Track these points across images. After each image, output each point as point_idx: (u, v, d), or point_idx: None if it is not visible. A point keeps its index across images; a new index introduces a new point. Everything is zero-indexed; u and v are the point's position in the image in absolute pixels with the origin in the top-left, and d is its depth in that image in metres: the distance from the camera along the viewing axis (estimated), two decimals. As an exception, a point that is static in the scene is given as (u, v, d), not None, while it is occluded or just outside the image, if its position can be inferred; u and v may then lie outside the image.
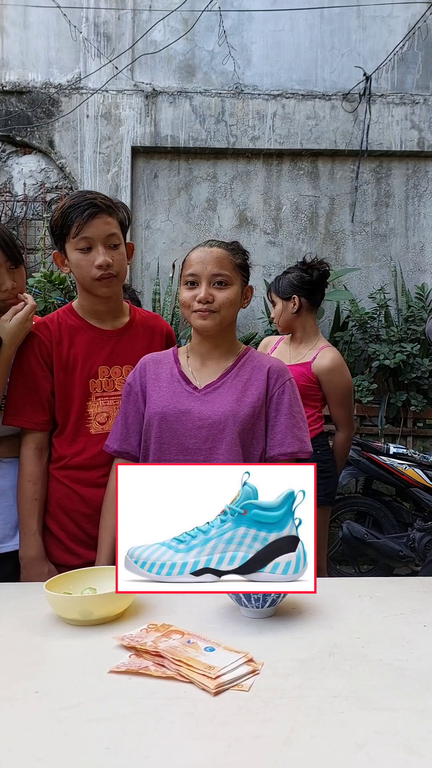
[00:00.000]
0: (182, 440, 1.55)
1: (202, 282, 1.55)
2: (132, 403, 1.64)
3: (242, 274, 1.61)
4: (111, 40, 4.67)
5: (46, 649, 1.10)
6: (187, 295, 1.57)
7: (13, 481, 1.73)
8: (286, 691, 0.94)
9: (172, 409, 1.57)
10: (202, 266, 1.55)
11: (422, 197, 4.83)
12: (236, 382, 1.59)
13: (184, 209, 4.77)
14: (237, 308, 1.60)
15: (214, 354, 1.63)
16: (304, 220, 4.82)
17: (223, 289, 1.56)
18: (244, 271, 1.62)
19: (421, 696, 0.93)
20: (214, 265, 1.55)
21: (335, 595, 1.32)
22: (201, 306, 1.54)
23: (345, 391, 2.76)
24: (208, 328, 1.57)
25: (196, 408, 1.56)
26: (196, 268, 1.56)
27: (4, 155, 4.75)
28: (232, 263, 1.58)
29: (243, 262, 1.62)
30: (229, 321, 1.59)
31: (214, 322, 1.56)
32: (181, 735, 0.83)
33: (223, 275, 1.55)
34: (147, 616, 1.22)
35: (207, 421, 1.54)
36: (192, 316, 1.57)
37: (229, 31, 4.63)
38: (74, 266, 1.68)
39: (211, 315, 1.55)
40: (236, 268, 1.59)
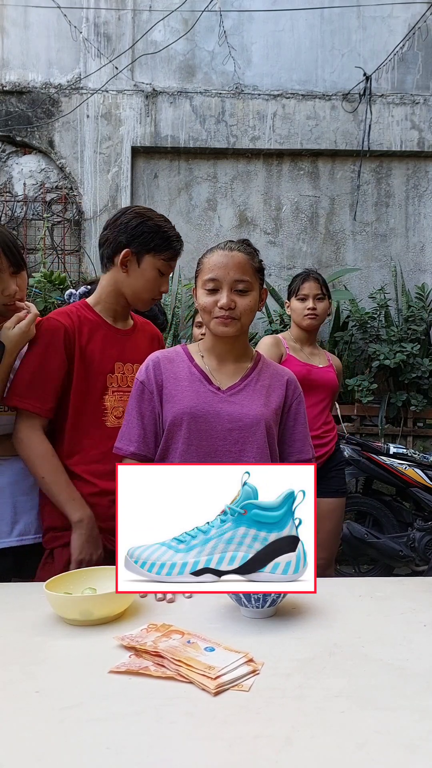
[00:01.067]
0: (212, 442, 1.54)
1: (223, 288, 1.54)
2: (147, 402, 1.60)
3: (260, 278, 1.60)
4: (111, 40, 4.67)
5: (46, 649, 1.10)
6: (208, 301, 1.55)
7: (10, 478, 1.74)
8: (287, 690, 0.94)
9: (201, 410, 1.55)
10: (224, 271, 1.53)
11: (422, 197, 4.83)
12: (258, 386, 1.61)
13: (185, 209, 4.77)
14: (255, 312, 1.60)
15: (230, 356, 1.63)
16: (304, 220, 4.82)
17: (245, 296, 1.55)
18: (261, 275, 1.61)
19: (421, 696, 0.93)
20: (236, 271, 1.54)
21: (335, 595, 1.32)
22: (223, 312, 1.53)
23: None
24: (229, 334, 1.57)
25: (225, 409, 1.56)
26: (217, 273, 1.54)
27: (4, 155, 4.75)
28: (253, 268, 1.57)
29: (260, 265, 1.62)
30: (247, 326, 1.61)
31: (235, 328, 1.56)
32: (181, 735, 0.83)
33: (244, 281, 1.54)
34: (147, 616, 1.22)
35: (238, 423, 1.54)
36: (213, 321, 1.56)
37: (229, 31, 4.63)
38: (140, 276, 1.75)
39: (233, 322, 1.55)
40: (255, 273, 1.58)
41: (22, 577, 1.74)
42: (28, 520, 1.76)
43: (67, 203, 4.73)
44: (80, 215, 4.70)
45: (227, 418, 1.55)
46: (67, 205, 4.73)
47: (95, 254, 4.68)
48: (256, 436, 1.54)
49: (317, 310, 2.74)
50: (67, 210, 4.74)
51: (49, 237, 4.67)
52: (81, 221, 4.70)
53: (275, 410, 1.60)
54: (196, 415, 1.54)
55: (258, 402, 1.58)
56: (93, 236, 4.69)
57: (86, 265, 4.69)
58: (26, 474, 1.77)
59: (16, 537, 1.74)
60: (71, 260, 4.73)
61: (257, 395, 1.59)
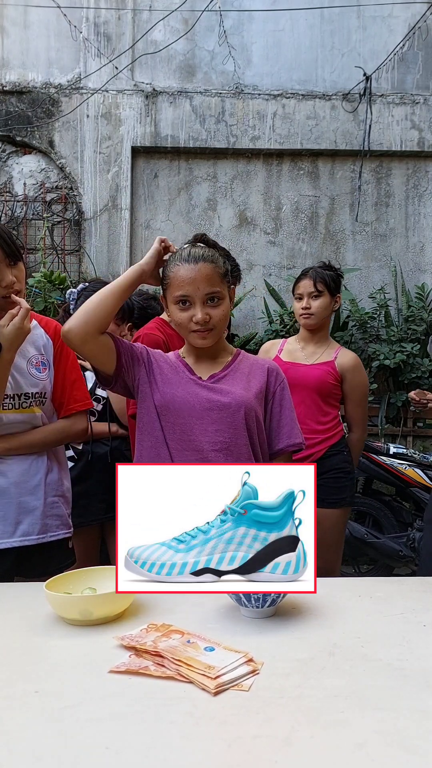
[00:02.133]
0: (188, 421, 1.59)
1: (195, 303, 1.57)
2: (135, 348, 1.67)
3: (227, 281, 1.63)
4: (111, 40, 4.67)
5: (46, 649, 1.10)
6: (183, 317, 1.59)
7: (15, 479, 1.75)
8: (286, 690, 0.94)
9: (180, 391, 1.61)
10: (194, 287, 1.56)
11: (422, 197, 4.83)
12: (238, 374, 1.66)
13: (185, 209, 4.77)
14: (228, 315, 1.66)
15: (207, 355, 1.68)
16: (304, 220, 4.82)
17: (217, 306, 1.59)
18: (227, 277, 1.63)
19: (421, 696, 0.93)
20: (205, 285, 1.56)
21: (335, 595, 1.32)
22: (199, 327, 1.58)
23: (365, 390, 2.75)
24: (208, 345, 1.63)
25: (203, 393, 1.61)
26: (187, 289, 1.56)
27: (4, 155, 4.75)
28: (219, 275, 1.59)
29: (226, 269, 1.63)
30: (223, 331, 1.67)
31: (212, 339, 1.62)
32: (181, 735, 0.83)
33: (215, 293, 1.57)
34: (147, 616, 1.22)
35: (216, 404, 1.59)
36: (190, 336, 1.61)
37: (229, 31, 4.63)
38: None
39: (210, 333, 1.60)
40: (223, 279, 1.60)
41: (25, 577, 1.74)
42: (31, 520, 1.76)
43: (67, 203, 4.73)
44: (80, 215, 4.70)
45: (206, 399, 1.60)
46: (67, 205, 4.73)
47: (95, 254, 4.68)
48: (235, 418, 1.58)
49: (311, 308, 2.67)
50: (67, 210, 4.74)
51: (49, 237, 4.67)
52: (81, 221, 4.70)
53: (256, 394, 1.64)
54: (175, 396, 1.60)
55: (238, 386, 1.63)
56: (93, 236, 4.69)
57: (86, 265, 4.69)
58: (30, 475, 1.78)
59: (18, 537, 1.74)
60: (71, 260, 4.73)
61: (237, 381, 1.64)
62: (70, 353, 1.86)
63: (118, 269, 4.69)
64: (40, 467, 1.80)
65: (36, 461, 1.80)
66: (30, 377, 1.78)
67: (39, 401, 1.80)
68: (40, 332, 1.84)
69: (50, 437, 1.82)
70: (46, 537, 1.79)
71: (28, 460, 1.78)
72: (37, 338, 1.83)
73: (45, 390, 1.81)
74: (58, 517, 1.83)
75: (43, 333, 1.85)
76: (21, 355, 1.77)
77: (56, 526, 1.82)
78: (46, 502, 1.79)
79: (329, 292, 2.70)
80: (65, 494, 1.89)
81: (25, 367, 1.78)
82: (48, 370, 1.82)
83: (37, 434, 1.80)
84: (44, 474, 1.80)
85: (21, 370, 1.77)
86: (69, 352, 1.86)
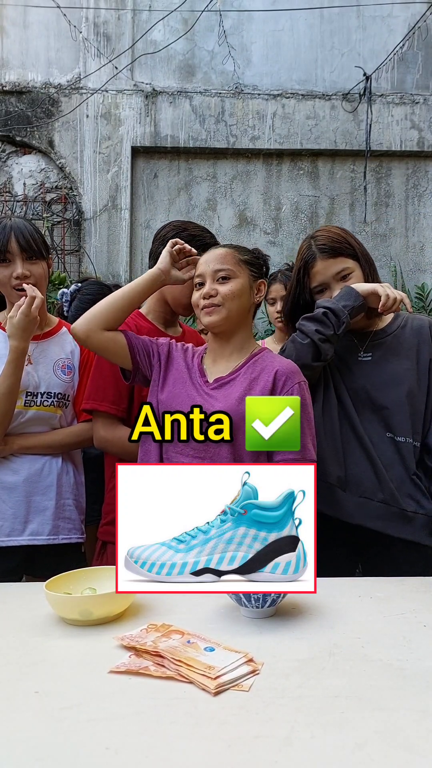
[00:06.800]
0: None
1: (206, 280, 1.57)
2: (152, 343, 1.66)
3: (250, 269, 1.60)
4: (111, 40, 4.67)
5: (46, 649, 1.10)
6: (196, 295, 1.59)
7: (26, 477, 1.76)
8: (287, 691, 0.94)
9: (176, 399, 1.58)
10: (206, 266, 1.58)
11: (422, 197, 4.83)
12: (245, 378, 1.58)
13: (184, 209, 4.77)
14: (245, 302, 1.59)
15: (225, 351, 1.62)
16: (304, 220, 4.82)
17: (226, 283, 1.56)
18: (252, 266, 1.61)
19: (421, 696, 0.93)
20: (216, 262, 1.57)
21: (335, 595, 1.32)
22: (206, 302, 1.56)
23: None
24: (214, 323, 1.57)
25: (200, 400, 1.57)
26: (201, 268, 1.59)
27: (4, 155, 4.75)
28: (236, 258, 1.59)
29: (250, 258, 1.62)
30: (236, 315, 1.58)
31: (219, 316, 1.56)
32: (181, 735, 0.83)
33: (225, 269, 1.56)
34: (147, 616, 1.22)
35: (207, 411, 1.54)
36: (201, 314, 1.59)
37: (229, 31, 4.63)
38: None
39: (216, 309, 1.55)
40: (240, 263, 1.59)
41: (34, 577, 1.74)
42: (41, 520, 1.77)
43: (67, 203, 4.73)
44: (80, 215, 4.70)
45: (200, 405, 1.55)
46: (66, 205, 4.73)
47: (95, 254, 4.68)
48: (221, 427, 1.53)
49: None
50: (66, 210, 4.74)
51: (49, 237, 4.67)
52: (81, 221, 4.70)
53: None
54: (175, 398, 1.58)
55: (234, 395, 1.55)
56: (93, 236, 4.69)
57: (86, 265, 4.69)
58: (44, 475, 1.79)
59: (27, 536, 1.75)
60: (71, 260, 4.73)
61: (237, 388, 1.56)
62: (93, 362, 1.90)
63: (118, 269, 4.69)
64: (54, 468, 1.81)
65: (50, 462, 1.81)
66: (55, 378, 1.82)
67: (61, 403, 1.83)
68: (69, 338, 1.89)
69: (67, 439, 1.84)
70: (57, 539, 1.79)
71: (43, 460, 1.80)
72: (66, 343, 1.89)
73: (68, 393, 1.85)
74: (71, 520, 1.84)
75: (71, 339, 1.89)
76: (48, 356, 1.83)
77: (68, 530, 1.83)
78: (58, 503, 1.80)
79: None
80: (79, 498, 1.90)
81: (51, 368, 1.82)
82: (73, 374, 1.87)
83: (56, 435, 1.83)
84: (57, 475, 1.81)
85: (47, 369, 1.81)
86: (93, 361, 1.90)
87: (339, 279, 1.73)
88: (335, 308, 1.63)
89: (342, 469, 1.71)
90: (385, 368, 1.72)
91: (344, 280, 1.72)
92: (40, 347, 1.83)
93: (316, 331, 1.63)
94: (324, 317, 1.63)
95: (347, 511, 1.69)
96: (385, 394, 1.71)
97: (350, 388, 1.74)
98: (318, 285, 1.76)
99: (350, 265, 1.73)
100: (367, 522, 1.67)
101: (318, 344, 1.64)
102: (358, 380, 1.74)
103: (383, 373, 1.72)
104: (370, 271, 1.76)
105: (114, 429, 1.75)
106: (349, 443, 1.72)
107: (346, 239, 1.76)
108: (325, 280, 1.75)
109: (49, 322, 1.90)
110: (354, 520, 1.68)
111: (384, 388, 1.72)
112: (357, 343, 1.77)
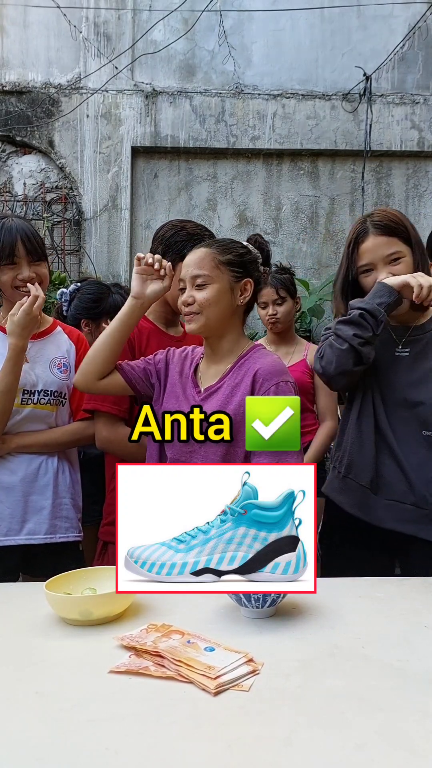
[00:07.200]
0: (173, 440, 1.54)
1: (187, 285, 1.55)
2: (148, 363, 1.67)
3: (231, 271, 1.55)
4: (111, 40, 4.67)
5: (46, 650, 1.10)
6: (179, 300, 1.57)
7: (23, 477, 1.77)
8: (287, 691, 0.94)
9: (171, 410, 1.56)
10: (186, 270, 1.55)
11: (422, 197, 4.83)
12: (228, 386, 1.55)
13: (184, 209, 4.77)
14: (225, 306, 1.54)
15: (216, 355, 1.60)
16: (304, 220, 4.82)
17: (202, 290, 1.53)
18: (234, 267, 1.55)
19: (422, 696, 0.93)
20: (194, 267, 1.54)
21: (335, 595, 1.31)
22: (186, 309, 1.55)
23: None
24: (194, 330, 1.56)
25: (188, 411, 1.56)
26: (183, 272, 1.57)
27: (4, 155, 4.75)
28: (213, 261, 1.53)
29: (233, 258, 1.55)
30: (216, 321, 1.54)
31: (198, 324, 1.54)
32: (181, 735, 0.83)
33: (201, 275, 1.53)
34: (147, 616, 1.21)
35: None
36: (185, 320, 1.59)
37: (229, 31, 4.63)
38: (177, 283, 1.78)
39: (195, 317, 1.54)
40: (219, 266, 1.53)
41: (32, 576, 1.74)
42: (38, 519, 1.77)
43: (67, 203, 4.73)
44: (80, 215, 4.70)
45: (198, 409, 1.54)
46: (67, 205, 4.73)
47: (95, 254, 4.68)
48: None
49: (278, 314, 2.76)
50: (67, 210, 4.74)
51: (49, 237, 4.67)
52: (81, 221, 4.70)
53: (235, 409, 1.48)
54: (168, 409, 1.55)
55: (215, 405, 1.52)
56: (93, 236, 4.69)
57: (86, 265, 4.69)
58: (41, 474, 1.79)
59: (24, 536, 1.75)
60: (71, 260, 4.73)
61: (220, 396, 1.54)
62: None
63: (118, 269, 4.69)
64: (50, 467, 1.82)
65: (47, 461, 1.81)
66: (51, 376, 1.83)
67: (58, 401, 1.83)
68: (65, 337, 1.92)
69: (64, 438, 1.85)
70: (54, 537, 1.80)
71: (39, 459, 1.80)
72: (62, 342, 1.90)
73: (64, 391, 1.85)
74: (68, 519, 1.84)
75: (66, 338, 1.92)
76: (45, 355, 1.84)
77: (66, 528, 1.83)
78: (55, 502, 1.80)
79: (290, 296, 2.80)
80: (75, 497, 1.90)
81: (47, 366, 1.83)
82: (69, 372, 1.87)
83: (52, 434, 1.83)
84: (54, 474, 1.82)
85: (43, 367, 1.82)
86: None
87: (388, 262, 1.63)
88: (371, 308, 1.56)
89: (373, 472, 1.66)
90: (422, 364, 1.65)
91: (393, 265, 1.63)
92: (36, 346, 1.83)
93: (354, 335, 1.56)
94: (361, 319, 1.56)
95: (378, 515, 1.65)
96: (420, 390, 1.64)
97: (385, 386, 1.68)
98: (365, 264, 1.66)
99: (402, 250, 1.63)
100: (398, 526, 1.63)
101: (358, 349, 1.57)
102: (393, 377, 1.67)
103: (419, 370, 1.65)
104: (421, 261, 1.66)
105: (116, 429, 1.75)
106: (380, 445, 1.67)
107: (403, 222, 1.67)
108: (374, 259, 1.64)
109: (44, 321, 1.90)
110: (385, 524, 1.64)
111: (420, 384, 1.64)
112: (395, 338, 1.70)
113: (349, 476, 1.71)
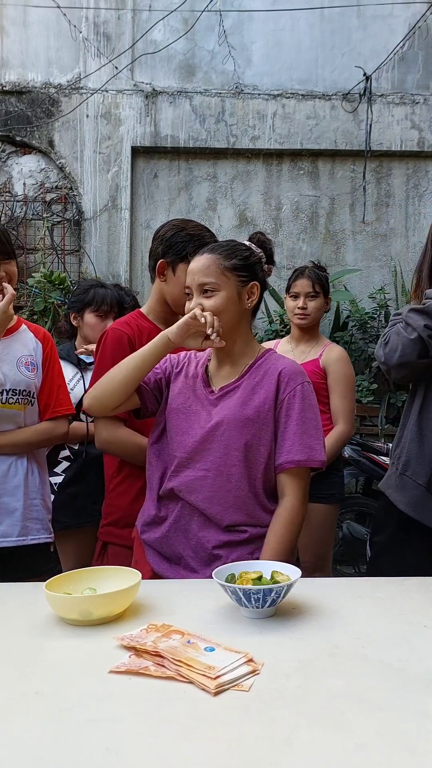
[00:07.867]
0: (185, 439, 1.56)
1: (194, 293, 1.56)
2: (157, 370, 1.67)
3: (237, 276, 1.56)
4: (111, 40, 4.67)
5: (46, 650, 1.10)
6: (186, 307, 1.58)
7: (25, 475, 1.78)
8: (287, 691, 0.94)
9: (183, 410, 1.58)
10: (191, 278, 1.56)
11: (422, 197, 4.82)
12: (247, 385, 1.57)
13: (184, 209, 4.77)
14: (234, 312, 1.56)
15: (227, 358, 1.62)
16: (304, 220, 4.82)
17: (210, 297, 1.54)
18: (240, 271, 1.57)
19: (422, 696, 0.93)
20: (200, 275, 1.55)
21: (335, 595, 1.31)
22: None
23: (349, 382, 2.73)
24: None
25: (201, 413, 1.57)
26: (188, 279, 1.58)
27: (4, 155, 4.75)
28: (219, 268, 1.54)
29: (237, 263, 1.56)
30: (227, 326, 1.55)
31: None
32: (181, 735, 0.83)
33: (208, 283, 1.54)
34: (147, 616, 1.21)
35: (210, 422, 1.54)
36: None
37: (229, 31, 4.63)
38: (176, 283, 1.81)
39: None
40: (225, 272, 1.54)
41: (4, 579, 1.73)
42: (10, 522, 1.76)
43: (67, 203, 4.73)
44: (80, 215, 4.70)
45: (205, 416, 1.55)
46: (67, 205, 4.73)
47: (95, 254, 4.68)
48: (225, 437, 1.51)
49: (308, 309, 2.71)
50: (67, 210, 4.74)
51: (49, 237, 4.67)
52: (81, 221, 4.70)
53: (257, 408, 1.52)
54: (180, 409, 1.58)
55: (234, 403, 1.54)
56: (93, 236, 4.69)
57: (86, 265, 4.69)
58: (10, 476, 1.78)
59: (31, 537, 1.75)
60: (71, 260, 4.72)
61: (238, 396, 1.55)
62: (56, 360, 1.93)
63: (118, 269, 4.69)
64: (20, 469, 1.80)
65: (16, 462, 1.80)
66: (19, 375, 1.81)
67: (26, 400, 1.82)
68: (30, 336, 1.90)
69: (34, 437, 1.83)
70: (26, 539, 1.78)
71: (9, 461, 1.79)
72: (28, 341, 1.88)
73: (32, 389, 1.84)
74: (39, 520, 1.83)
75: (32, 336, 1.90)
76: (11, 353, 1.82)
77: (37, 530, 1.82)
78: (26, 504, 1.79)
79: (324, 293, 2.76)
80: (45, 498, 1.89)
81: (15, 365, 1.81)
82: (36, 371, 1.86)
83: (22, 434, 1.82)
84: (24, 475, 1.81)
85: (11, 366, 1.80)
86: (56, 359, 1.92)
87: None
88: None
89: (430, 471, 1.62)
90: None
91: None
92: (2, 344, 1.81)
93: (425, 326, 1.51)
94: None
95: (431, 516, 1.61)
96: None
97: None
98: None
99: None
100: None
101: (426, 340, 1.52)
102: None
103: None
104: None
105: (115, 430, 1.75)
106: None
107: None
108: None
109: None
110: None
111: None
112: None
113: (406, 474, 1.67)
